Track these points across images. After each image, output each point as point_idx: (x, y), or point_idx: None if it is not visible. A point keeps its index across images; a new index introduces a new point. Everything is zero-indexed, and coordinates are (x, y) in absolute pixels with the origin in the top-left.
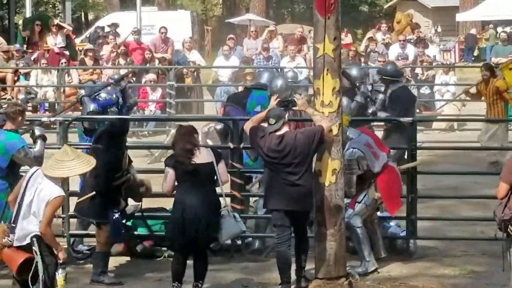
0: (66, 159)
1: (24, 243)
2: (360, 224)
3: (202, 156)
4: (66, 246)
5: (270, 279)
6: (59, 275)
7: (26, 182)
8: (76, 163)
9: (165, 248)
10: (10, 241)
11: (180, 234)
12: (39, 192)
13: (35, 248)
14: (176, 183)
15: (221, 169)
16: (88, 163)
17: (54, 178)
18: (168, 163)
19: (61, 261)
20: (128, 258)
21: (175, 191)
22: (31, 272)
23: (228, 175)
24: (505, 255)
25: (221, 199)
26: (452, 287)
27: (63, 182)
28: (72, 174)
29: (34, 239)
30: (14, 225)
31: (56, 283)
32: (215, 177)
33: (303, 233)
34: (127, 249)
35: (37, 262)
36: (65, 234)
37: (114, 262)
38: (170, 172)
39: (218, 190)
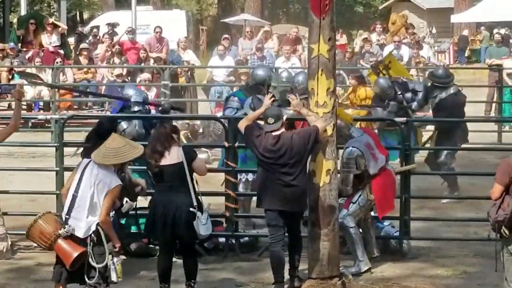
0: (118, 146)
1: (89, 233)
2: (354, 224)
3: (172, 157)
4: None
5: (264, 279)
6: (117, 263)
7: (80, 174)
8: (127, 149)
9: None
10: (66, 232)
11: (151, 230)
12: (98, 184)
13: (94, 237)
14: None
15: (196, 165)
16: (137, 148)
17: (108, 166)
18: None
19: (117, 250)
20: (123, 257)
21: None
22: (86, 264)
23: (206, 168)
24: (498, 256)
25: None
26: None
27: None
28: (125, 160)
29: (99, 227)
30: (68, 217)
31: (110, 271)
32: (187, 176)
33: (297, 233)
34: (121, 248)
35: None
36: None
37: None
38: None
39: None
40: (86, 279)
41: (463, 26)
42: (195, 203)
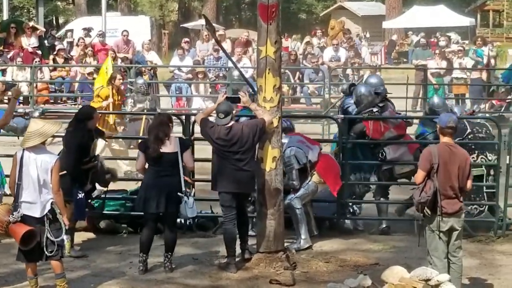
0: (38, 127)
1: (45, 211)
2: (300, 206)
3: (170, 146)
4: None
5: (217, 253)
6: (67, 239)
7: (19, 165)
8: (47, 127)
9: (125, 225)
10: (15, 218)
11: (143, 208)
12: (40, 165)
13: (50, 214)
14: (146, 165)
15: (186, 157)
16: (56, 124)
17: (39, 146)
18: (140, 147)
19: (67, 227)
20: (93, 234)
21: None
22: (43, 239)
23: (193, 162)
24: (422, 233)
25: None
26: (376, 260)
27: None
28: (49, 136)
29: (53, 206)
30: (17, 204)
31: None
32: (179, 164)
33: (244, 211)
34: (91, 225)
35: (44, 229)
36: None
37: (80, 237)
38: (141, 155)
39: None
40: (46, 253)
41: (393, 31)
42: (183, 189)
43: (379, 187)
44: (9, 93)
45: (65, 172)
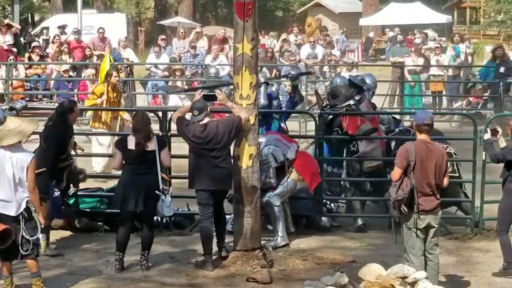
0: (15, 126)
1: (21, 210)
2: (279, 203)
3: (152, 144)
4: None
5: (194, 251)
6: (43, 238)
7: None
8: (24, 126)
9: (101, 223)
10: None
11: (121, 207)
12: (16, 163)
13: (25, 213)
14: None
15: (163, 155)
16: (33, 122)
17: (16, 145)
18: (117, 146)
19: (42, 226)
20: (69, 232)
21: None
22: (18, 238)
23: (170, 159)
24: (398, 230)
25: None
26: (353, 258)
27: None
28: (27, 134)
29: (29, 204)
30: None
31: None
32: (156, 163)
33: (221, 208)
34: (67, 224)
35: (20, 227)
36: None
37: (55, 235)
38: (118, 154)
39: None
40: (22, 251)
41: (370, 28)
42: (161, 187)
43: (351, 183)
44: None
45: (43, 169)
